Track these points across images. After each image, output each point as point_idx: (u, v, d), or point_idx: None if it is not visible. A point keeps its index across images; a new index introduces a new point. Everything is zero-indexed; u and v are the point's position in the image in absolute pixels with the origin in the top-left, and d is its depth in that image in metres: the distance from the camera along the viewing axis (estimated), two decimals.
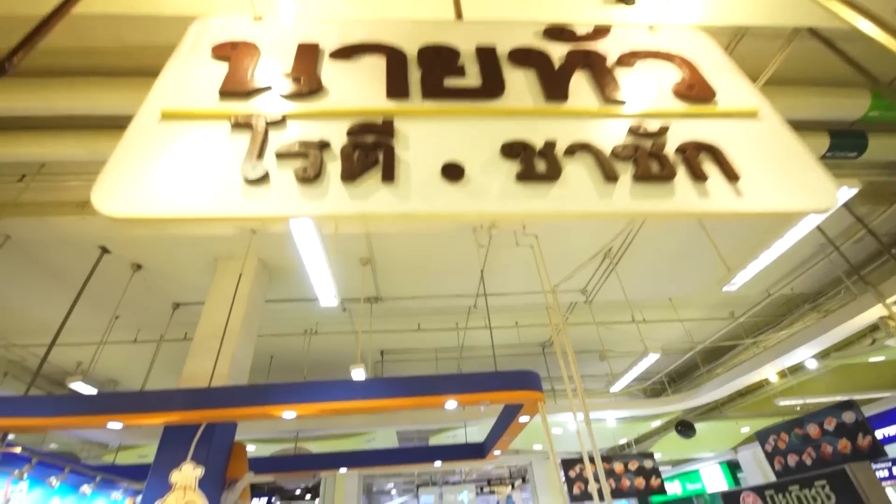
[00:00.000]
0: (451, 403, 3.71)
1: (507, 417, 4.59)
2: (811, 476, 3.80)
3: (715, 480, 13.33)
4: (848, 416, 4.80)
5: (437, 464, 6.83)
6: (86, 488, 4.50)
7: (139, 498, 3.71)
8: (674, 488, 14.81)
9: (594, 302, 6.81)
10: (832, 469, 3.60)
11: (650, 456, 7.08)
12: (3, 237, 4.74)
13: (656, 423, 10.66)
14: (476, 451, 6.62)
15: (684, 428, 8.86)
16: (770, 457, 5.79)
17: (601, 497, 3.20)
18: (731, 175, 1.18)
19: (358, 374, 4.76)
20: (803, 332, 5.73)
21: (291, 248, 5.01)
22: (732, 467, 12.75)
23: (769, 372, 6.59)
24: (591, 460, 3.27)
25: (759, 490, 4.54)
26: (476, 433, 8.71)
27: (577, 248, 5.24)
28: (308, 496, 13.73)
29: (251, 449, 8.23)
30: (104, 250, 5.06)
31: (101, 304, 5.78)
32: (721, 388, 7.29)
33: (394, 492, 15.66)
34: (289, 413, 3.62)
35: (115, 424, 3.56)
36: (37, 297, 5.84)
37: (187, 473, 2.95)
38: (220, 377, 4.21)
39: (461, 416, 8.35)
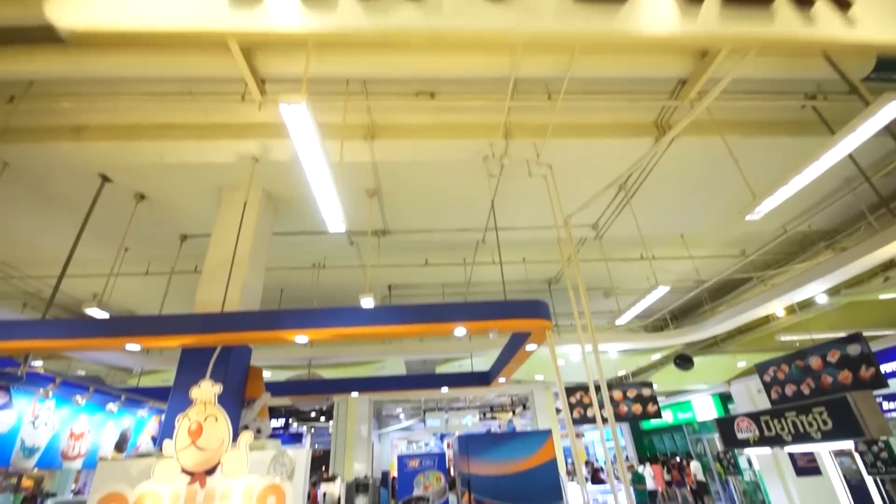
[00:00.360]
0: (459, 331, 3.74)
1: (514, 346, 4.68)
2: (809, 403, 3.84)
3: (705, 410, 14.07)
4: (853, 349, 4.83)
5: (444, 390, 7.16)
6: (112, 406, 4.75)
7: (164, 416, 3.90)
8: (665, 417, 15.72)
9: (604, 238, 6.72)
10: (832, 396, 3.63)
11: (649, 385, 7.36)
12: (1, 164, 4.60)
13: (656, 357, 11.01)
14: (481, 379, 6.91)
15: (682, 361, 9.13)
16: (767, 386, 5.94)
17: (604, 420, 3.31)
18: (841, 2, 1.00)
19: (367, 302, 4.80)
20: (817, 267, 5.65)
21: (296, 177, 4.86)
22: (724, 399, 13.36)
23: (777, 307, 6.60)
24: (598, 388, 3.36)
25: (754, 416, 4.65)
26: (481, 364, 9.05)
27: (591, 180, 5.03)
28: (322, 418, 14.75)
29: (267, 375, 8.65)
30: (105, 178, 4.93)
31: (109, 236, 5.76)
32: (726, 322, 7.38)
33: (402, 416, 16.75)
34: (301, 337, 3.69)
35: (133, 346, 3.66)
36: (44, 227, 5.81)
37: (206, 390, 3.04)
38: (232, 304, 4.26)
39: (468, 346, 8.62)
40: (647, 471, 13.42)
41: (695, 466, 13.89)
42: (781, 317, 7.54)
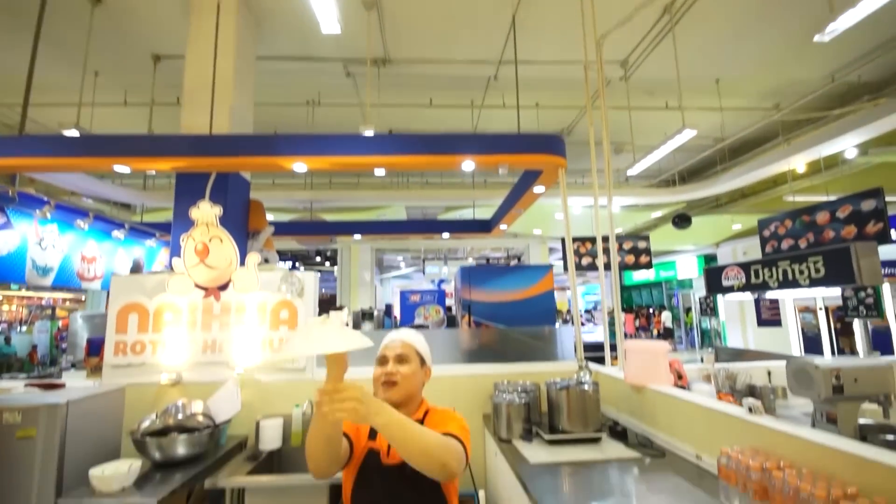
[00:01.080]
0: (468, 164, 3.51)
1: (522, 187, 4.52)
2: (805, 252, 3.79)
3: (687, 270, 14.99)
4: (867, 204, 4.71)
5: (445, 235, 7.31)
6: (118, 233, 4.78)
7: (171, 241, 3.91)
8: (647, 274, 16.86)
9: (630, 81, 6.03)
10: (833, 246, 3.60)
11: (645, 237, 7.56)
12: None
13: (656, 214, 11.14)
14: (482, 227, 6.99)
15: (681, 220, 9.23)
16: (764, 241, 6.00)
17: (607, 268, 3.35)
18: None
19: (368, 133, 4.46)
20: (856, 116, 5.19)
21: None
22: (709, 260, 14.06)
23: (801, 161, 6.30)
24: (605, 239, 3.32)
25: (745, 265, 4.71)
26: (482, 215, 9.13)
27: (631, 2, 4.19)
28: (327, 263, 15.67)
29: (270, 217, 8.76)
30: None
31: (73, 54, 5.08)
32: (745, 177, 7.15)
33: (402, 265, 17.82)
34: (299, 165, 3.46)
35: (121, 167, 3.44)
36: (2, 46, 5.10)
37: (206, 211, 2.94)
38: (221, 130, 3.94)
39: (471, 194, 8.58)
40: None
41: (665, 316, 15.50)
42: (801, 173, 7.26)
